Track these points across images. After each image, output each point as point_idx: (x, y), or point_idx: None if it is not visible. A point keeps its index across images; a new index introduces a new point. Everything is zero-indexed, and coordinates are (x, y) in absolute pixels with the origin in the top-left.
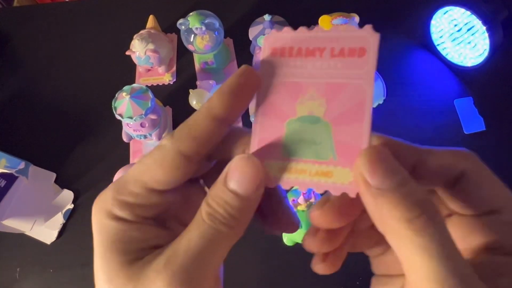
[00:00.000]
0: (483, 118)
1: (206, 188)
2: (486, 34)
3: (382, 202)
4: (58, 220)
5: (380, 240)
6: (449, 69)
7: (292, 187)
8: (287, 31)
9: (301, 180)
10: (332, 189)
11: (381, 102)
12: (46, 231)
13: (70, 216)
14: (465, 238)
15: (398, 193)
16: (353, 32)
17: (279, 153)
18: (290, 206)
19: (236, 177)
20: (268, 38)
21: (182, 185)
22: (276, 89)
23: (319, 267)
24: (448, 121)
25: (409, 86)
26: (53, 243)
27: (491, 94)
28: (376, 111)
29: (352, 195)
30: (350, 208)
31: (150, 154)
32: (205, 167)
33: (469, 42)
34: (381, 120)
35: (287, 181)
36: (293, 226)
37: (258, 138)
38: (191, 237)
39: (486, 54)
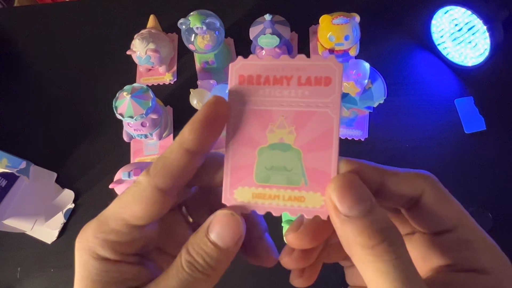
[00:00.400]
0: (483, 118)
1: (189, 217)
2: (487, 34)
3: (349, 228)
4: (59, 219)
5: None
6: (449, 68)
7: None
8: (253, 58)
9: (275, 205)
10: (305, 212)
11: (382, 101)
12: (47, 231)
13: (70, 216)
14: (426, 255)
15: (363, 220)
16: (318, 61)
17: (252, 180)
18: (270, 241)
19: (218, 229)
20: (234, 65)
21: (165, 215)
22: (246, 117)
23: (297, 282)
24: (448, 121)
25: (410, 85)
26: (53, 242)
27: (492, 94)
28: (377, 110)
29: (324, 217)
30: (323, 229)
31: (128, 191)
32: (185, 194)
33: (469, 42)
34: (382, 119)
35: (261, 207)
36: (271, 261)
37: (231, 166)
38: (169, 283)
39: (486, 53)
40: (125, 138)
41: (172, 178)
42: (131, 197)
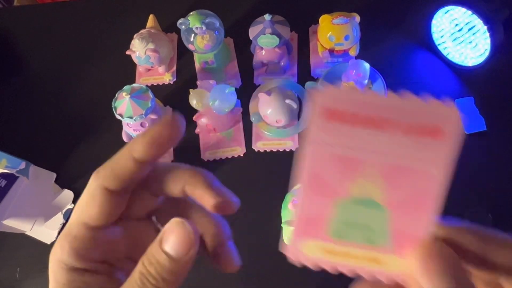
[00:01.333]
0: (484, 118)
1: (160, 227)
2: (487, 34)
3: None
4: (58, 220)
5: None
6: (450, 68)
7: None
8: (346, 91)
9: (348, 264)
10: (381, 276)
11: None
12: (46, 231)
13: (70, 216)
14: None
15: None
16: (431, 106)
17: (324, 233)
18: (233, 248)
19: (170, 239)
20: (320, 95)
21: (132, 224)
22: (327, 161)
23: None
24: None
25: (410, 85)
26: (53, 243)
27: (492, 94)
28: None
29: (403, 284)
30: None
31: (83, 192)
32: (152, 203)
33: (470, 42)
34: None
35: (332, 264)
36: (232, 268)
37: (301, 215)
38: None
39: (487, 54)
40: (125, 139)
41: (118, 180)
42: (85, 198)
